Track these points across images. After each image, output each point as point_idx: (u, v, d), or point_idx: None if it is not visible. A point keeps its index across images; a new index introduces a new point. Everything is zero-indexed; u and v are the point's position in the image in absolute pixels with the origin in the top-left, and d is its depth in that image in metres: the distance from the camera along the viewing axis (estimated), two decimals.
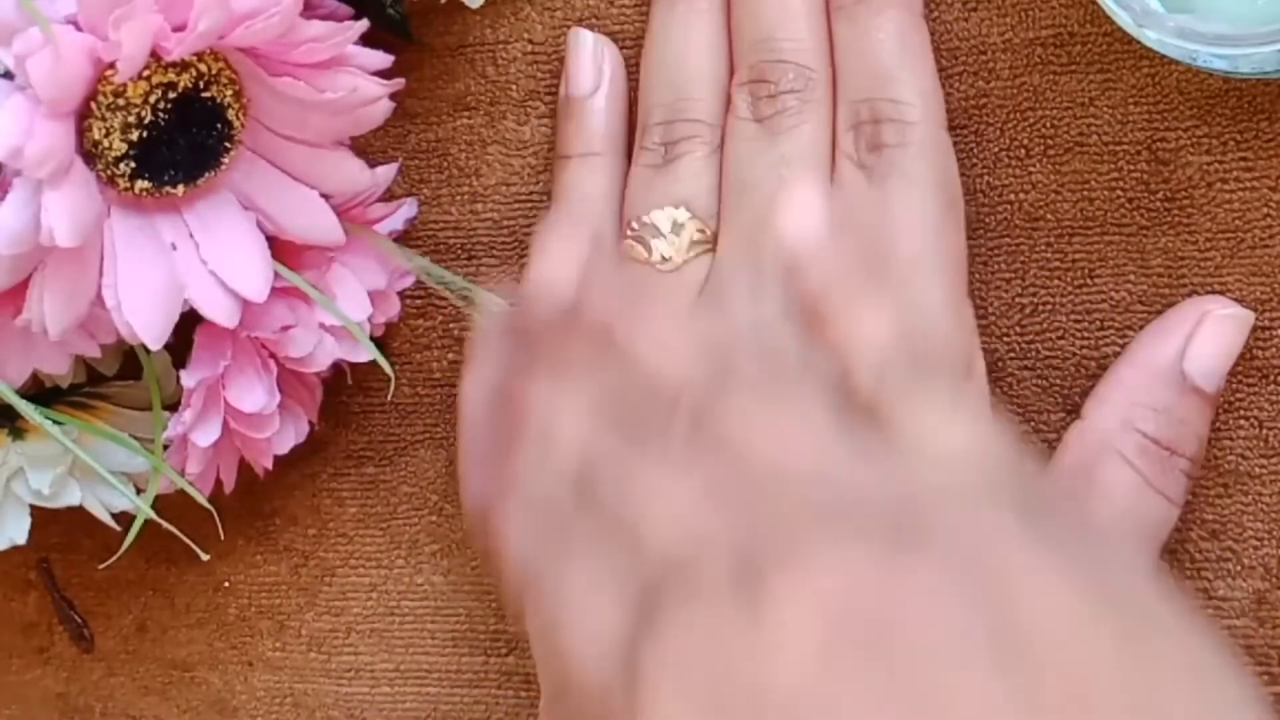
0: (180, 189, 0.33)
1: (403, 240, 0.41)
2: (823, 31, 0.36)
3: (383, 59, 0.34)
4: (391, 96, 0.35)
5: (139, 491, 0.39)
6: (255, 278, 0.34)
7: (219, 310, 0.34)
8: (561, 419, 0.32)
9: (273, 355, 0.37)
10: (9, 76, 0.30)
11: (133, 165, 0.32)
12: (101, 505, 0.40)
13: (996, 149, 0.37)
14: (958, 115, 0.37)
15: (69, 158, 0.31)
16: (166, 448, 0.38)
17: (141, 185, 0.33)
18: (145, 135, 0.32)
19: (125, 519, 0.40)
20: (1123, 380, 0.35)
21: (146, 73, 0.32)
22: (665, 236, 0.37)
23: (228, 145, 0.34)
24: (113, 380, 0.41)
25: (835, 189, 0.36)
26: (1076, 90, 0.37)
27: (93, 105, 0.31)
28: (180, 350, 0.37)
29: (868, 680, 0.27)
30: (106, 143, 0.32)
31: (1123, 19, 0.33)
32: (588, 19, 0.40)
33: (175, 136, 0.33)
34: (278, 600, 0.44)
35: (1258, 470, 0.36)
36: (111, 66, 0.31)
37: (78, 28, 0.30)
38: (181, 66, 0.32)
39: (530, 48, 0.40)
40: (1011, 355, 0.37)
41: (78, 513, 0.40)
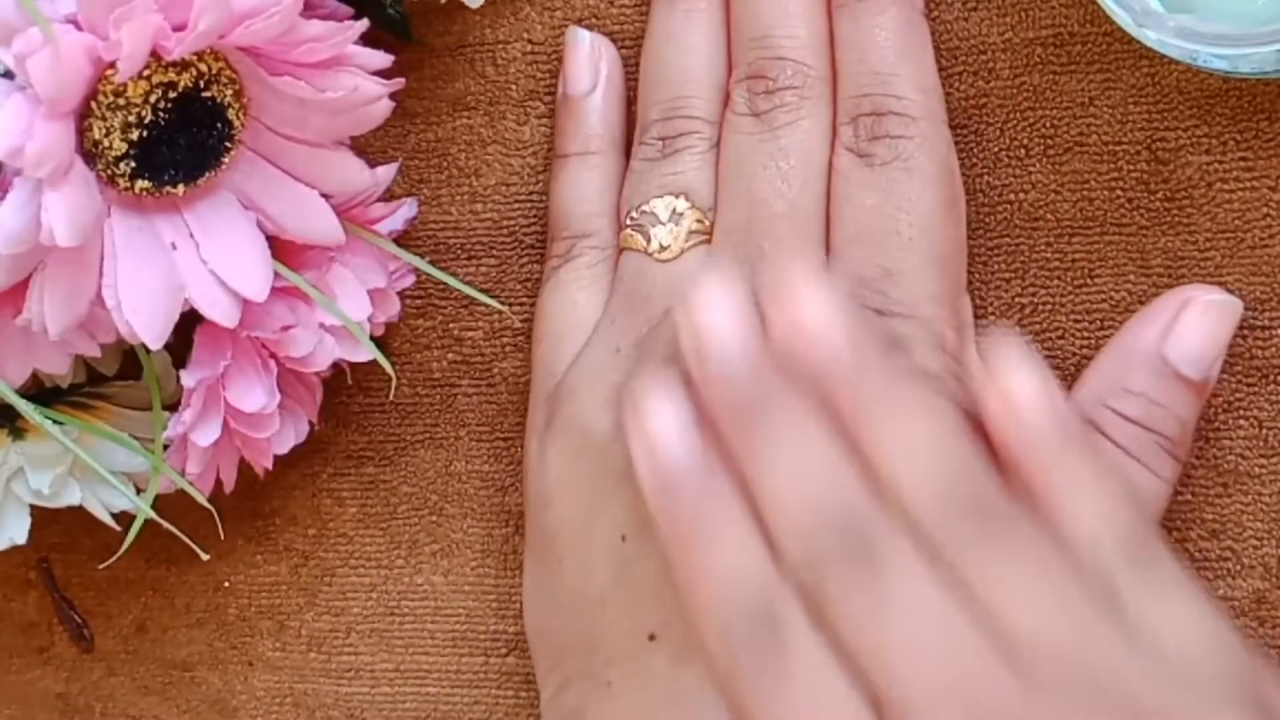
0: (180, 189, 0.33)
1: (403, 240, 0.41)
2: (822, 29, 0.36)
3: (383, 59, 0.34)
4: (391, 96, 0.35)
5: (139, 491, 0.39)
6: (255, 277, 0.34)
7: (219, 310, 0.34)
8: (794, 478, 0.29)
9: (273, 355, 0.37)
10: (9, 76, 0.30)
11: (133, 165, 0.32)
12: (101, 505, 0.40)
13: (996, 149, 0.37)
14: (958, 115, 0.37)
15: (69, 157, 0.31)
16: (166, 448, 0.38)
17: (141, 185, 0.33)
18: (145, 135, 0.32)
19: (125, 519, 0.40)
20: (1101, 365, 0.35)
21: (147, 72, 0.32)
22: (664, 225, 0.37)
23: (228, 145, 0.34)
24: (113, 380, 0.41)
25: (834, 177, 0.36)
26: (1076, 90, 0.37)
27: (93, 105, 0.31)
28: (180, 350, 0.37)
29: None
30: (106, 142, 0.32)
31: (1123, 19, 0.33)
32: (587, 19, 0.40)
33: (175, 136, 0.33)
34: (278, 600, 0.44)
35: (1258, 470, 0.36)
36: (112, 66, 0.31)
37: (78, 27, 0.30)
38: (182, 66, 0.32)
39: (530, 48, 0.40)
40: None
41: (78, 513, 0.40)
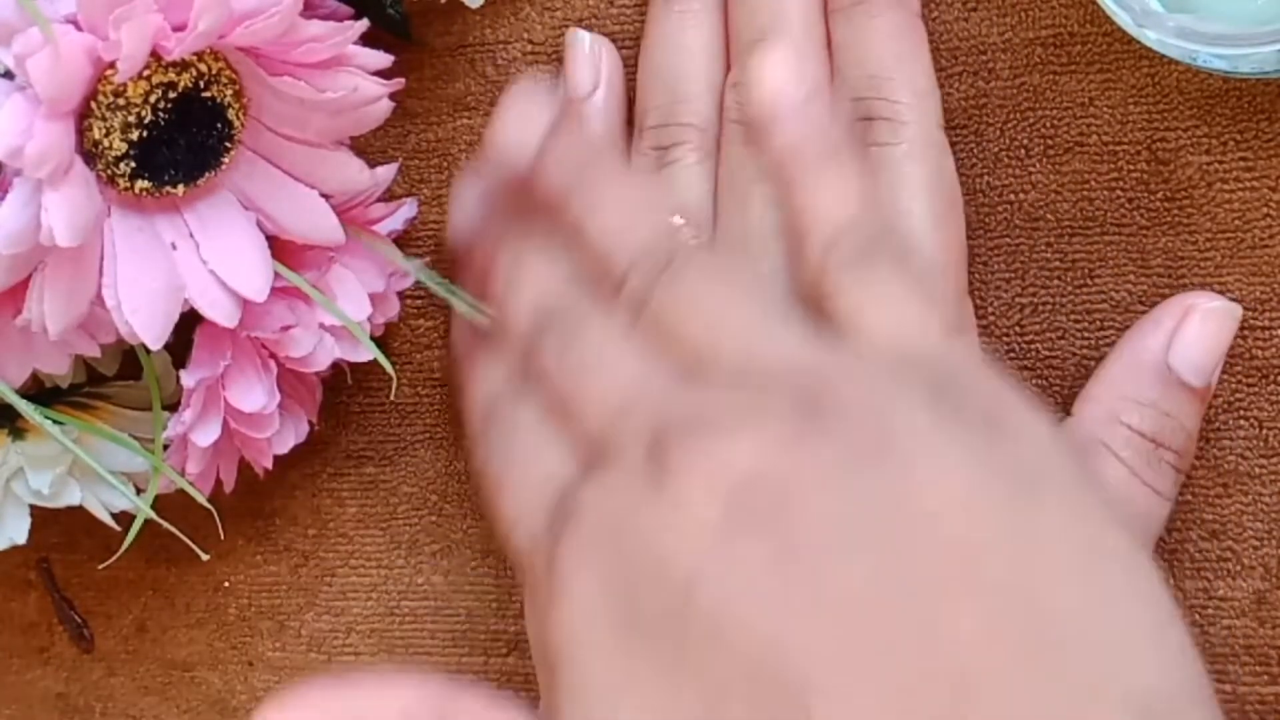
0: (180, 189, 0.33)
1: (403, 240, 0.41)
2: (818, 33, 0.36)
3: (383, 59, 0.34)
4: (391, 96, 0.35)
5: (139, 491, 0.39)
6: (255, 278, 0.34)
7: (219, 310, 0.34)
8: (519, 287, 0.34)
9: (273, 355, 0.37)
10: (9, 76, 0.30)
11: (133, 165, 0.32)
12: (101, 505, 0.40)
13: (996, 149, 0.37)
14: (958, 115, 0.37)
15: (69, 157, 0.31)
16: (166, 448, 0.38)
17: (141, 185, 0.33)
18: (145, 135, 0.32)
19: (125, 519, 0.40)
20: (1109, 376, 0.35)
21: (146, 72, 0.32)
22: None
23: (228, 145, 0.34)
24: (113, 380, 0.41)
25: None
26: (1076, 90, 0.37)
27: (93, 105, 0.31)
28: (180, 350, 0.37)
29: (761, 553, 0.28)
30: (106, 142, 0.32)
31: (1123, 19, 0.33)
32: (587, 19, 0.40)
33: (175, 136, 0.33)
34: (278, 600, 0.44)
35: (1258, 470, 0.36)
36: (111, 66, 0.31)
37: (78, 27, 0.30)
38: (182, 66, 0.32)
39: (530, 48, 0.40)
40: (1011, 355, 0.37)
41: (78, 513, 0.40)
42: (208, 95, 0.33)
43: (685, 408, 0.30)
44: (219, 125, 0.33)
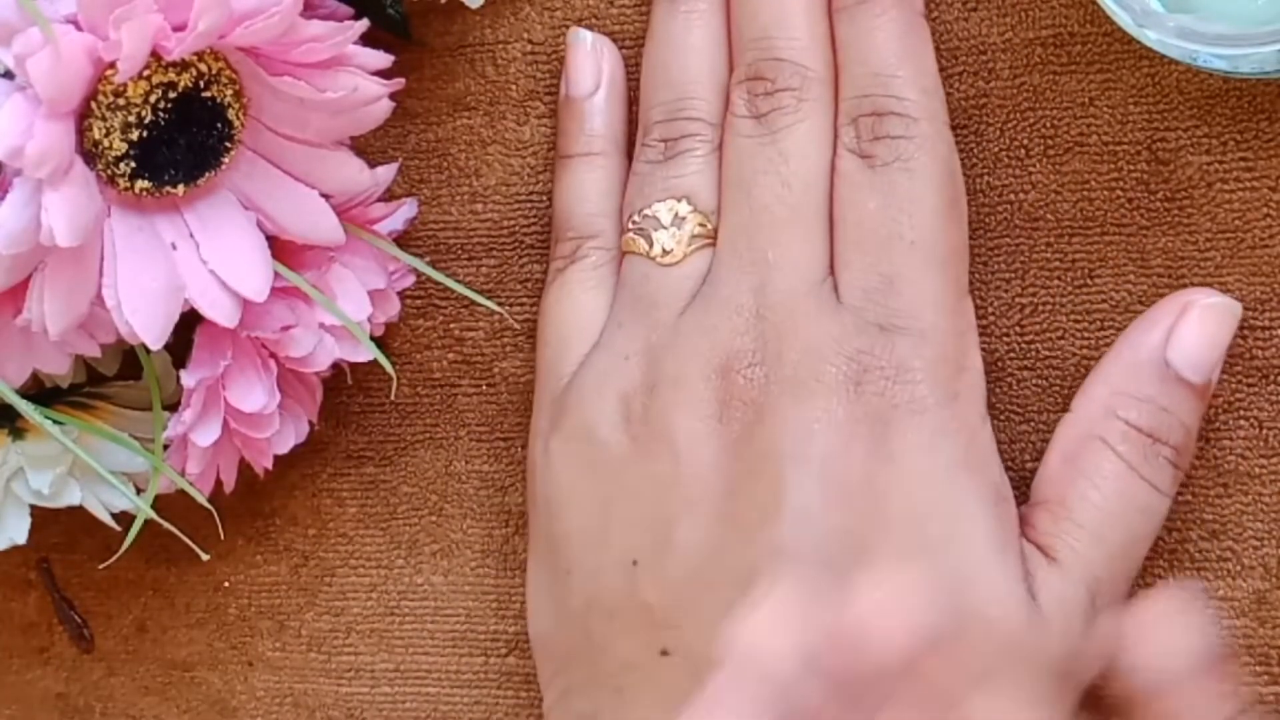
0: (180, 189, 0.33)
1: (403, 240, 0.41)
2: (822, 31, 0.36)
3: (383, 59, 0.34)
4: (391, 96, 0.35)
5: (139, 491, 0.39)
6: (255, 277, 0.34)
7: (219, 310, 0.34)
8: None
9: (273, 355, 0.37)
10: (9, 76, 0.30)
11: (133, 165, 0.32)
12: (101, 505, 0.40)
13: (996, 149, 0.37)
14: (958, 115, 0.37)
15: (69, 157, 0.30)
16: (166, 448, 0.38)
17: (141, 185, 0.33)
18: (145, 135, 0.32)
19: (125, 519, 0.40)
20: (1107, 372, 0.35)
21: (147, 72, 0.31)
22: (667, 229, 0.37)
23: (228, 145, 0.34)
24: (113, 380, 0.41)
25: (836, 179, 0.36)
26: (1076, 90, 0.37)
27: (93, 105, 0.31)
28: (180, 350, 0.37)
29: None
30: (106, 142, 0.32)
31: (1123, 19, 0.33)
32: (588, 19, 0.40)
33: (175, 136, 0.33)
34: (278, 600, 0.44)
35: (1258, 470, 0.36)
36: (112, 66, 0.31)
37: (78, 27, 0.30)
38: (182, 66, 0.32)
39: (530, 48, 0.40)
40: (1011, 355, 0.37)
41: (78, 513, 0.40)
42: (208, 95, 0.33)
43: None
44: (219, 125, 0.33)
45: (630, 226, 0.37)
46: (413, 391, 0.42)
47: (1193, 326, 0.35)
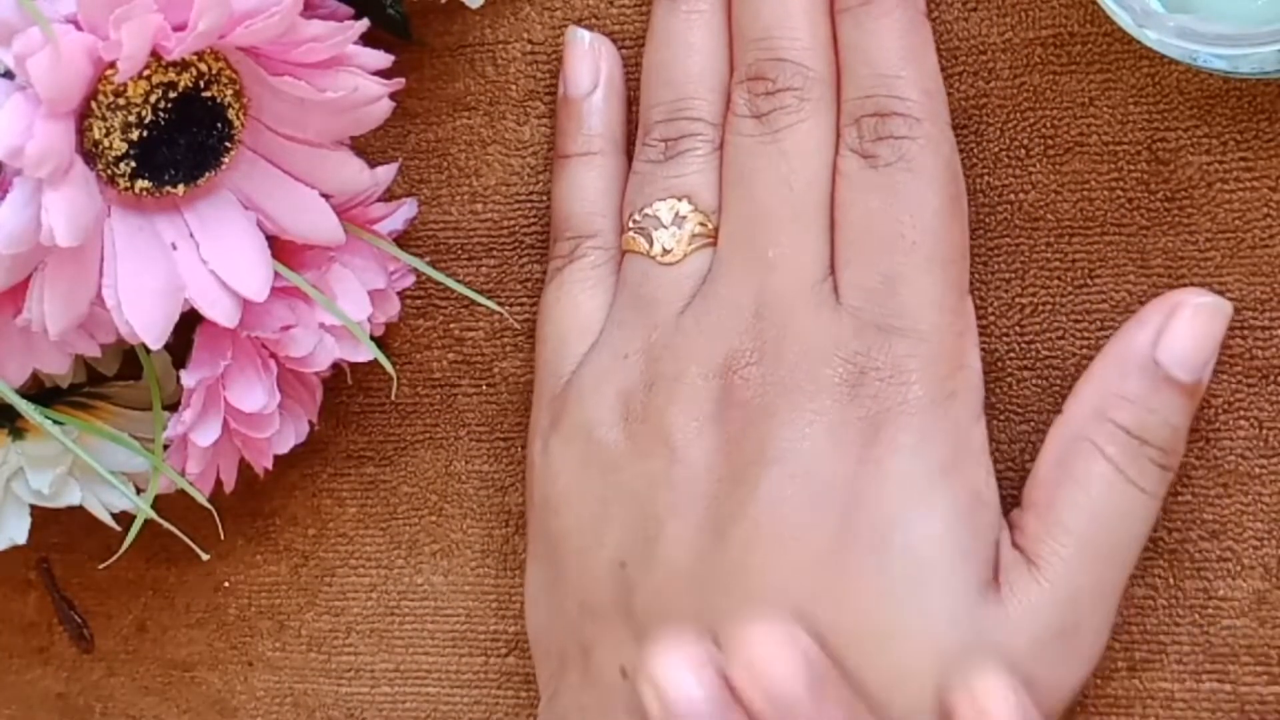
0: (180, 189, 0.33)
1: (403, 240, 0.41)
2: (824, 32, 0.36)
3: (383, 58, 0.34)
4: (391, 96, 0.35)
5: (139, 491, 0.39)
6: (255, 277, 0.34)
7: (219, 310, 0.34)
8: None
9: (273, 355, 0.37)
10: (9, 76, 0.30)
11: (133, 165, 0.32)
12: (101, 505, 0.40)
13: (996, 149, 0.37)
14: (958, 115, 0.37)
15: (69, 157, 0.30)
16: (166, 448, 0.38)
17: (142, 185, 0.33)
18: (145, 135, 0.32)
19: (125, 519, 0.40)
20: (1097, 373, 0.35)
21: (147, 72, 0.31)
22: (667, 228, 0.37)
23: (228, 145, 0.34)
24: (113, 380, 0.41)
25: (837, 180, 0.36)
26: (1076, 90, 0.37)
27: (93, 105, 0.31)
28: (180, 350, 0.37)
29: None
30: (107, 142, 0.32)
31: (1123, 19, 0.33)
32: (587, 19, 0.40)
33: (175, 136, 0.33)
34: (278, 600, 0.44)
35: (1258, 470, 0.36)
36: (112, 66, 0.31)
37: (78, 27, 0.30)
38: (182, 66, 0.32)
39: (530, 48, 0.40)
40: (1011, 355, 0.37)
41: (78, 513, 0.40)
42: (208, 95, 0.33)
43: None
44: (219, 125, 0.33)
45: (631, 225, 0.37)
46: (413, 391, 0.42)
47: (1182, 326, 0.35)
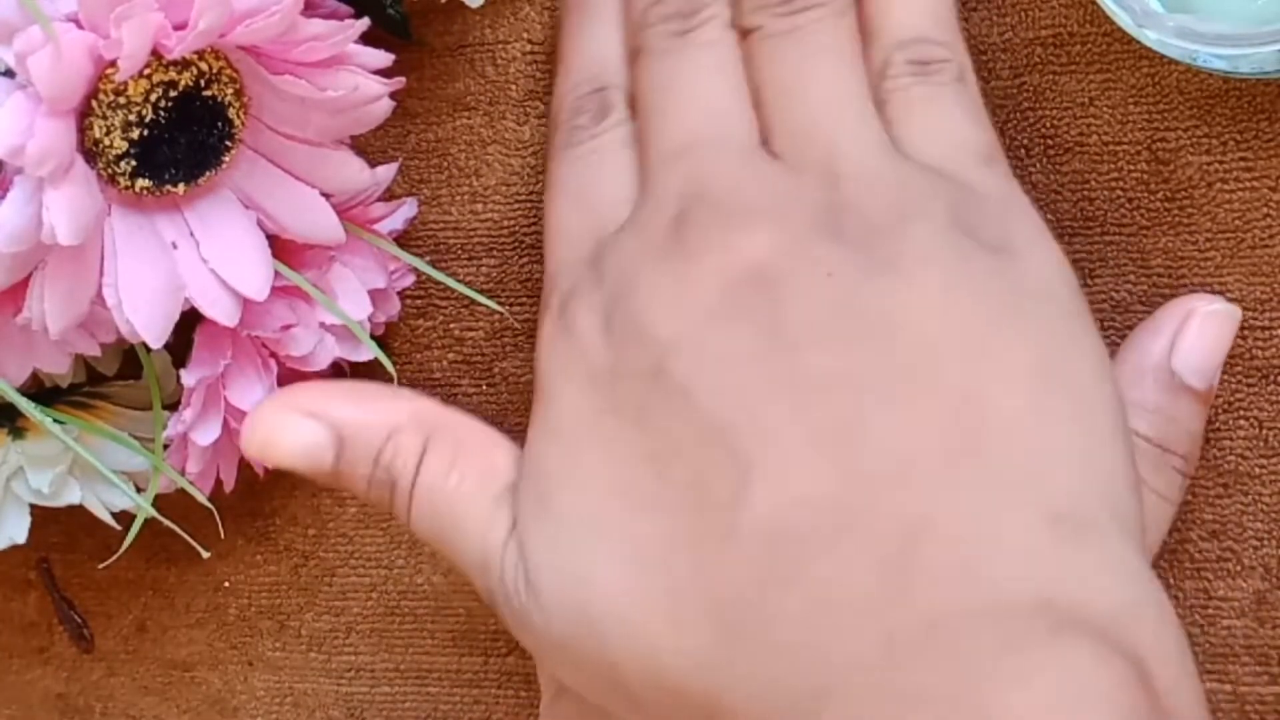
0: (181, 188, 0.33)
1: (403, 240, 0.41)
2: None
3: (384, 58, 0.34)
4: (392, 96, 0.35)
5: (139, 491, 0.39)
6: (256, 277, 0.34)
7: (219, 309, 0.34)
8: None
9: (273, 354, 0.37)
10: (10, 74, 0.30)
11: (133, 164, 0.32)
12: (101, 504, 0.40)
13: None
14: None
15: (70, 156, 0.31)
16: (166, 447, 0.38)
17: (142, 184, 0.33)
18: (146, 134, 0.32)
19: (125, 518, 0.40)
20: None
21: (147, 71, 0.32)
22: None
23: (228, 144, 0.34)
24: (113, 380, 0.41)
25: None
26: (1076, 90, 0.37)
27: (93, 103, 0.31)
28: (180, 349, 0.37)
29: (742, 339, 0.31)
30: (107, 141, 0.32)
31: (1123, 19, 0.33)
32: None
33: (176, 135, 0.33)
34: (278, 600, 0.44)
35: (1258, 470, 0.36)
36: (112, 65, 0.31)
37: (79, 26, 0.30)
38: (182, 65, 0.32)
39: (530, 48, 0.41)
40: None
41: (78, 512, 0.40)
42: (208, 94, 0.33)
43: (728, 180, 0.32)
44: (219, 124, 0.33)
45: None
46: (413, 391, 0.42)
47: (1196, 334, 0.35)
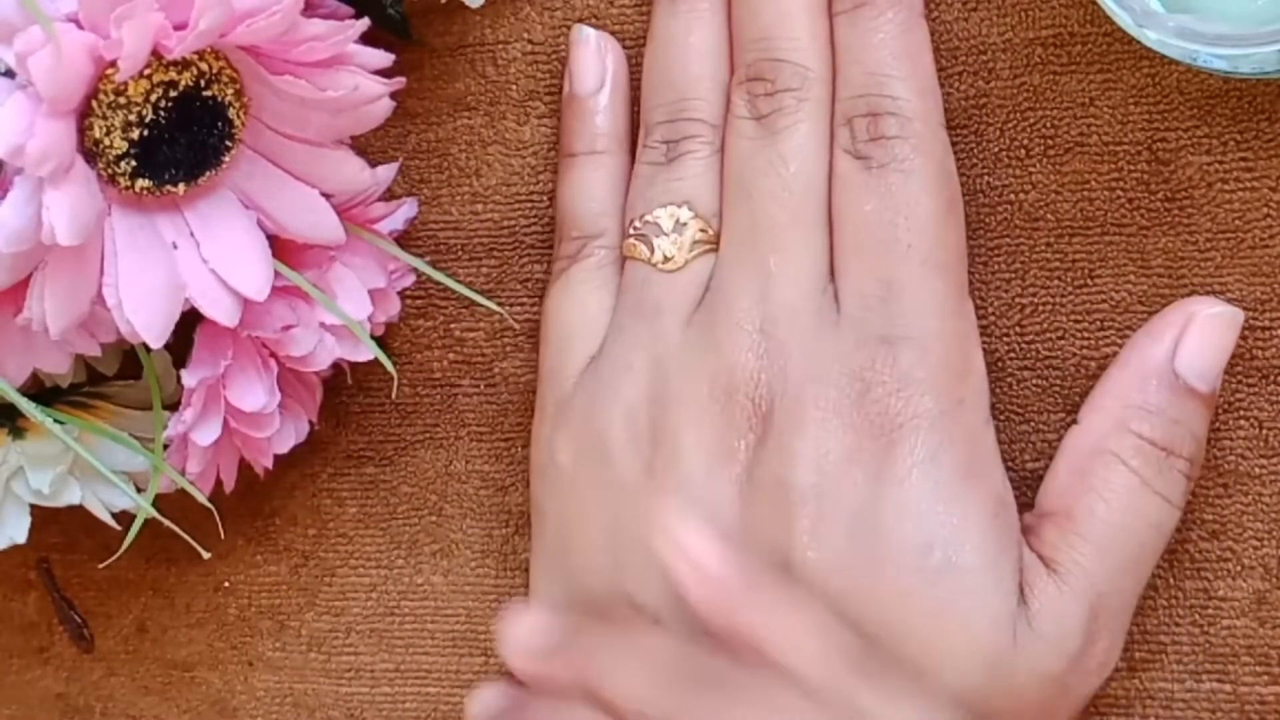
0: (181, 188, 0.33)
1: (403, 240, 0.41)
2: (822, 33, 0.36)
3: (384, 58, 0.34)
4: (392, 96, 0.35)
5: (139, 491, 0.39)
6: (256, 277, 0.34)
7: (220, 309, 0.34)
8: None
9: (273, 355, 0.37)
10: (10, 75, 0.30)
11: (133, 164, 0.32)
12: (101, 505, 0.40)
13: (996, 149, 0.37)
14: (958, 115, 0.37)
15: (70, 156, 0.31)
16: (167, 447, 0.38)
17: (142, 184, 0.33)
18: (146, 134, 0.32)
19: (125, 519, 0.40)
20: (1116, 384, 0.35)
21: (147, 71, 0.32)
22: (668, 235, 0.37)
23: (228, 144, 0.34)
24: (113, 380, 0.41)
25: (833, 182, 0.36)
26: (1076, 90, 0.37)
27: (94, 104, 0.31)
28: (180, 350, 0.37)
29: None
30: (107, 141, 0.32)
31: (1123, 19, 0.33)
32: (588, 19, 0.40)
33: (176, 135, 0.33)
34: (278, 600, 0.44)
35: (1258, 470, 0.36)
36: (113, 65, 0.31)
37: (79, 26, 0.30)
38: (182, 65, 0.32)
39: (530, 48, 0.40)
40: (1011, 355, 0.37)
41: (78, 512, 0.40)
42: (209, 94, 0.33)
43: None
44: (220, 124, 0.33)
45: (631, 232, 0.37)
46: (413, 391, 0.42)
47: (1198, 337, 0.35)
